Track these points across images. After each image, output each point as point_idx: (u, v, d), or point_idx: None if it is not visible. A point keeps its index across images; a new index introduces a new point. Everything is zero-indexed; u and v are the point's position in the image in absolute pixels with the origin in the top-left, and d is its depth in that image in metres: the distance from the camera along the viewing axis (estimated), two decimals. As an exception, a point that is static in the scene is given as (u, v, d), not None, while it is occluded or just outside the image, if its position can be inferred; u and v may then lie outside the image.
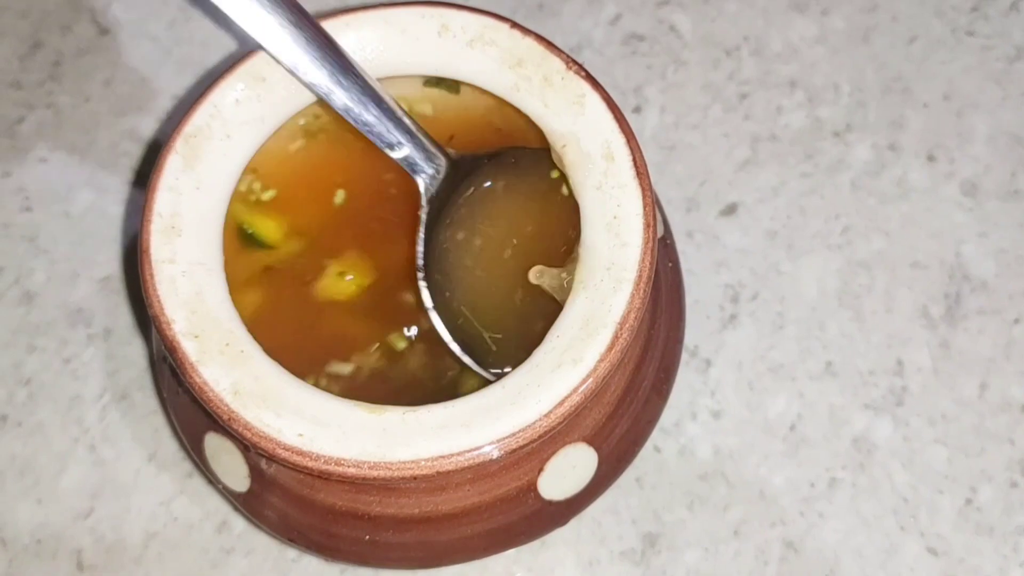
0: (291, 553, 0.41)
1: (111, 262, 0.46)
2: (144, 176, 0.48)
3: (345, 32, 0.37)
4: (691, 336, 0.44)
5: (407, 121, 0.36)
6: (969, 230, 0.46)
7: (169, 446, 0.43)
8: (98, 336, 0.45)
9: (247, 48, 0.36)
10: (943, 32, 0.50)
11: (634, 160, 0.35)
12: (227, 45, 0.50)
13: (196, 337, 0.32)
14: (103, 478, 0.42)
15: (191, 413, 0.36)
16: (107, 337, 0.45)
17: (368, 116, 0.35)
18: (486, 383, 0.34)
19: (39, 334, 0.45)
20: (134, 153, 0.48)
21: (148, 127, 0.48)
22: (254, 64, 0.36)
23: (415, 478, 0.31)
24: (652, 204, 0.34)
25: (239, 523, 0.41)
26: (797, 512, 0.41)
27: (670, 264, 0.39)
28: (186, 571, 0.41)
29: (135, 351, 0.44)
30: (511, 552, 0.40)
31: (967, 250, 0.46)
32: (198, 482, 0.42)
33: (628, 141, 0.35)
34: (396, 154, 0.36)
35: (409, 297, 0.36)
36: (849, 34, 0.50)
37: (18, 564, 0.41)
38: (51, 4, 0.51)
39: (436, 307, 0.35)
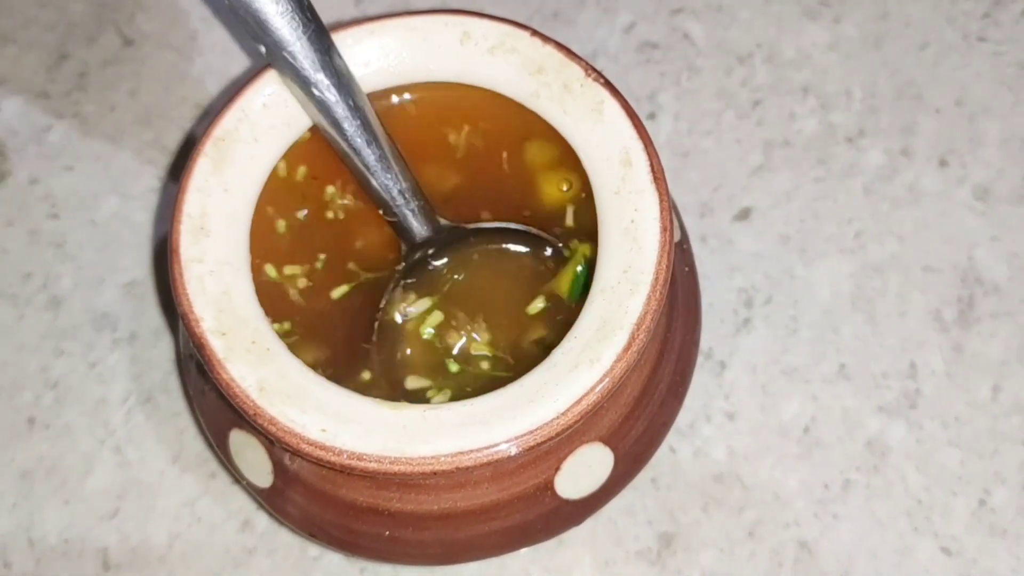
0: (313, 551, 0.41)
1: (136, 267, 0.47)
2: (168, 182, 0.48)
3: (368, 40, 0.37)
4: (705, 339, 0.44)
5: (410, 185, 0.36)
6: (981, 234, 0.46)
7: (193, 448, 0.43)
8: (123, 340, 0.45)
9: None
10: (955, 38, 0.50)
11: (651, 165, 0.35)
12: (248, 54, 0.51)
13: (223, 334, 0.33)
14: (128, 479, 0.43)
15: (217, 410, 0.37)
16: (132, 341, 0.45)
17: (382, 180, 0.36)
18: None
19: (66, 338, 0.45)
20: (159, 161, 0.49)
21: (172, 136, 0.49)
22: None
23: (435, 474, 0.31)
24: (669, 208, 0.35)
25: (261, 523, 0.42)
26: (811, 514, 0.41)
27: (686, 269, 0.40)
28: (209, 570, 0.41)
29: (159, 355, 0.45)
30: (528, 551, 0.40)
31: (979, 254, 0.46)
32: (221, 483, 0.43)
33: (646, 147, 0.36)
34: (391, 218, 0.37)
35: None
36: (861, 41, 0.50)
37: (45, 563, 0.41)
38: (77, 16, 0.52)
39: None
